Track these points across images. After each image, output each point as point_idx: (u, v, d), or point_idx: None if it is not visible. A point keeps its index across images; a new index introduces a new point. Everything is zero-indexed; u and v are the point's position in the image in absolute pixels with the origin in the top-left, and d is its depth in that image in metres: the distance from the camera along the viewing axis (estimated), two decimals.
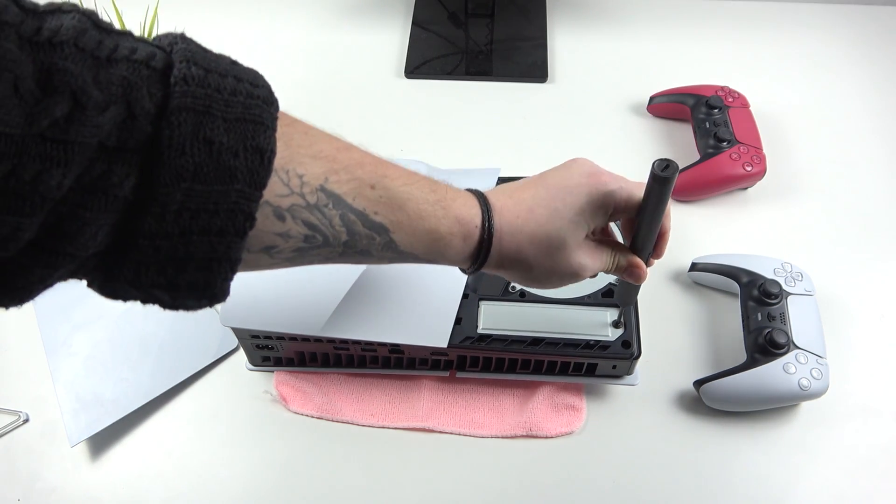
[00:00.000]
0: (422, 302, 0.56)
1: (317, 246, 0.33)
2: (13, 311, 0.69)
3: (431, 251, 0.38)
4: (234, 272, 0.29)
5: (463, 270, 0.43)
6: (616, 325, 0.55)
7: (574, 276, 0.43)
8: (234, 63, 0.30)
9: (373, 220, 0.34)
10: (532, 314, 0.56)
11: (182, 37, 0.28)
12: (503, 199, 0.41)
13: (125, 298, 0.28)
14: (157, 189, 0.25)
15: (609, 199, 0.42)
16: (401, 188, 0.36)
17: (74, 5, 0.25)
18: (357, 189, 0.34)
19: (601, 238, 0.46)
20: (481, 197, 0.41)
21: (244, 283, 0.55)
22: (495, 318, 0.56)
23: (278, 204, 0.30)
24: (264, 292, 0.55)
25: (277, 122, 0.29)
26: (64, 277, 0.27)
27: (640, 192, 0.43)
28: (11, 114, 0.21)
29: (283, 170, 0.30)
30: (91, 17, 0.25)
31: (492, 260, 0.40)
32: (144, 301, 0.29)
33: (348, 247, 0.34)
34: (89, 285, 0.29)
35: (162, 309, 0.30)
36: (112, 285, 0.28)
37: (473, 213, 0.39)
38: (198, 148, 0.26)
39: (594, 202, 0.41)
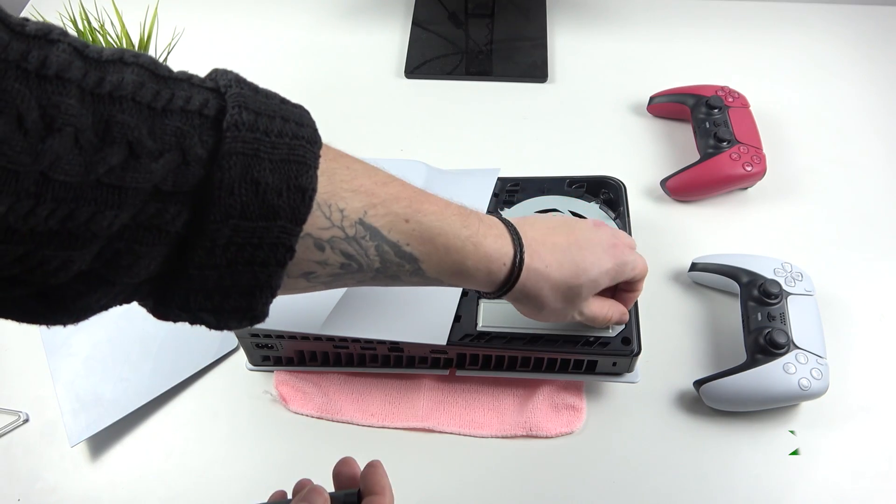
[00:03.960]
0: (421, 300, 0.56)
1: (352, 272, 0.36)
2: None
3: (456, 280, 0.41)
4: (273, 297, 0.32)
5: (481, 294, 0.46)
6: None
7: (574, 319, 0.49)
8: (284, 102, 0.31)
9: (404, 250, 0.37)
10: None
11: (237, 79, 0.30)
12: (536, 243, 0.44)
13: (175, 320, 0.31)
14: (207, 225, 0.28)
15: (625, 270, 0.49)
16: (434, 223, 0.38)
17: (136, 55, 0.27)
18: (392, 223, 0.36)
19: (605, 295, 0.52)
20: (514, 233, 0.43)
21: None
22: (495, 315, 0.56)
23: (319, 236, 0.33)
24: None
25: (320, 160, 0.31)
26: (119, 300, 0.29)
27: (645, 267, 0.51)
28: (72, 163, 0.23)
29: (326, 204, 0.33)
30: (149, 66, 0.27)
31: (512, 293, 0.44)
32: (192, 322, 0.31)
33: (380, 272, 0.37)
34: (142, 306, 0.32)
35: (208, 329, 0.32)
36: (164, 309, 0.30)
37: (505, 252, 0.42)
38: (245, 188, 0.28)
39: (614, 271, 0.48)
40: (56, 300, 0.27)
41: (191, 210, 0.28)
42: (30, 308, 0.27)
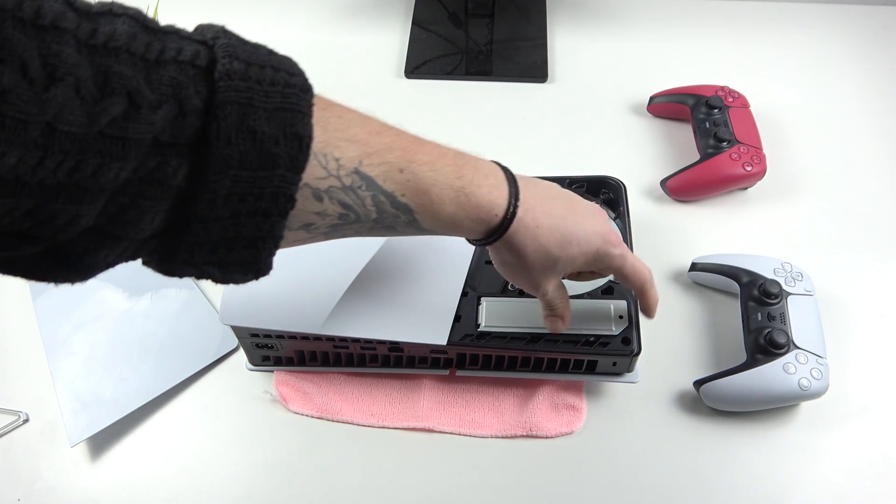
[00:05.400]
0: (421, 299, 0.56)
1: (350, 222, 0.36)
2: (13, 310, 0.69)
3: (450, 230, 0.41)
4: (276, 248, 0.32)
5: (472, 241, 0.45)
6: (622, 317, 0.55)
7: (537, 291, 0.48)
8: (271, 53, 0.31)
9: (399, 201, 0.37)
10: (534, 310, 0.56)
11: (223, 31, 0.31)
12: (534, 201, 0.43)
13: (181, 276, 0.31)
14: (207, 177, 0.28)
15: (605, 263, 0.47)
16: (427, 174, 0.38)
17: (124, 7, 0.27)
18: (387, 172, 0.36)
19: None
20: (513, 186, 0.43)
21: None
22: (497, 314, 0.56)
23: (317, 186, 0.33)
24: (264, 290, 0.55)
25: (313, 108, 0.31)
26: (125, 257, 0.29)
27: (631, 266, 0.48)
28: (75, 114, 0.23)
29: (322, 153, 0.33)
30: (139, 18, 0.27)
31: (498, 244, 0.43)
32: (198, 277, 0.31)
33: (377, 223, 0.37)
34: (146, 264, 0.32)
35: (213, 283, 0.32)
36: (169, 265, 0.30)
37: (498, 203, 0.41)
38: (242, 138, 0.28)
39: (594, 259, 0.47)
40: (63, 258, 0.27)
41: (190, 162, 0.28)
42: (37, 266, 0.27)
